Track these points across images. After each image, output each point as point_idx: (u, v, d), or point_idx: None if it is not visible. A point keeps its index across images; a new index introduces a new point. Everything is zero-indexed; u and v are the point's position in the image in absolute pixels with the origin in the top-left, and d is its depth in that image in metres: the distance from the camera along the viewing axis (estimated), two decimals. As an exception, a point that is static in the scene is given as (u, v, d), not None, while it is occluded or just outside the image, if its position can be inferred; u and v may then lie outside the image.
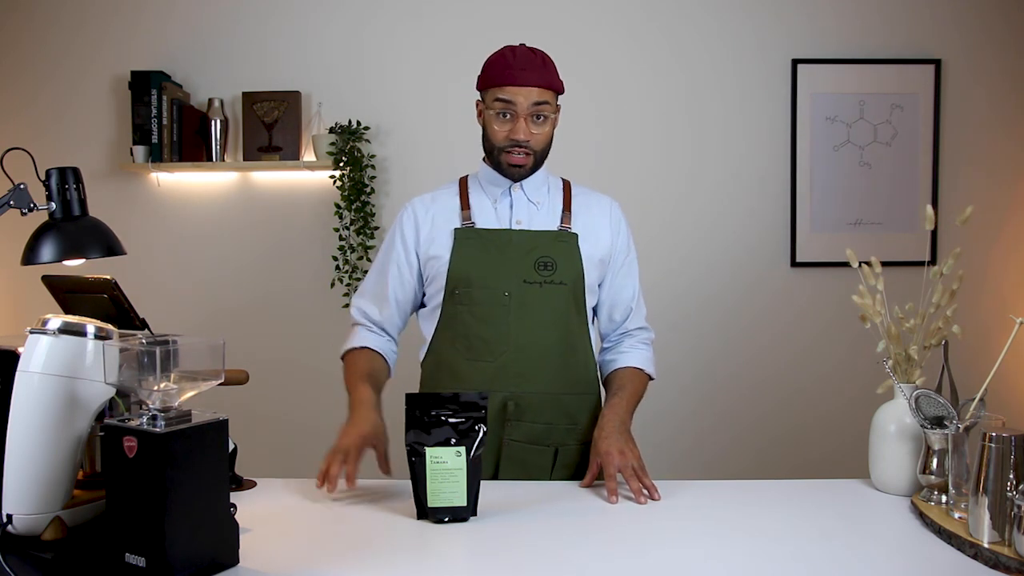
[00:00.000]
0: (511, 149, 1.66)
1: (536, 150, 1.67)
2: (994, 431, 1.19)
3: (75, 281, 1.50)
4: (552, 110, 1.66)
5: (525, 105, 1.62)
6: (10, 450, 1.16)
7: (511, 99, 1.63)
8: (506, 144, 1.66)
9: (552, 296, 1.66)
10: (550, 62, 1.67)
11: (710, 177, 3.04)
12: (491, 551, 1.25)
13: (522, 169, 1.68)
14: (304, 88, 3.03)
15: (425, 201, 1.77)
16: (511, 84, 1.62)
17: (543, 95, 1.63)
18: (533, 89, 1.62)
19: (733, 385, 3.06)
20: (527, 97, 1.62)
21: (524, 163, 1.67)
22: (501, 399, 1.64)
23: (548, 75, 1.65)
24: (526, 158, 1.66)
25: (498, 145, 1.67)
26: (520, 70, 1.62)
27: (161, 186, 3.06)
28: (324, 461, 1.48)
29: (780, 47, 3.02)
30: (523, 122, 1.63)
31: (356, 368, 1.69)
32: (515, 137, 1.64)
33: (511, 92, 1.62)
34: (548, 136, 1.69)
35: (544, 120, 1.66)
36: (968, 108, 3.02)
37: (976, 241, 2.97)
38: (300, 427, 3.06)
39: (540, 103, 1.63)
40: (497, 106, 1.64)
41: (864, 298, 1.52)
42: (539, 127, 1.66)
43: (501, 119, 1.65)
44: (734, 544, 1.25)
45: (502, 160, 1.68)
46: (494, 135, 1.67)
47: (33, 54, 3.07)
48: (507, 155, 1.67)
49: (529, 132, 1.64)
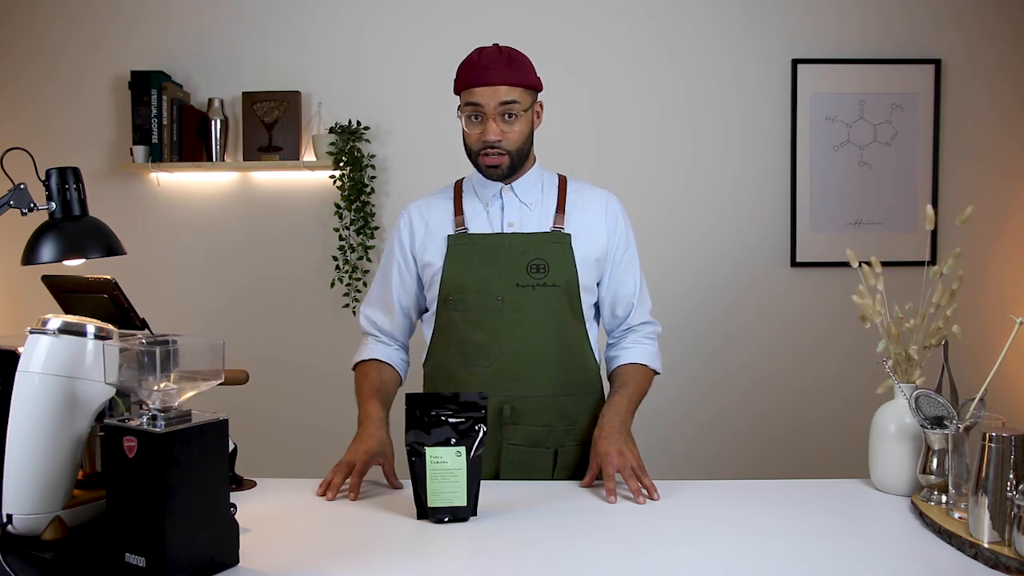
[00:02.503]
0: (484, 151, 1.65)
1: (510, 149, 1.65)
2: (994, 431, 1.19)
3: (75, 281, 1.50)
4: (522, 107, 1.64)
5: (492, 105, 1.61)
6: (10, 450, 1.16)
7: (478, 101, 1.62)
8: (479, 147, 1.65)
9: (546, 298, 1.66)
10: (519, 59, 1.66)
11: (710, 177, 3.04)
12: (491, 551, 1.25)
13: (498, 170, 1.67)
14: (304, 88, 3.03)
15: (420, 207, 1.77)
16: (476, 85, 1.62)
17: (510, 93, 1.62)
18: (499, 88, 1.61)
19: (733, 385, 3.06)
20: (493, 97, 1.61)
21: (498, 163, 1.66)
22: (497, 403, 1.64)
23: (514, 72, 1.63)
24: (500, 158, 1.65)
25: (472, 148, 1.68)
26: (483, 69, 1.62)
27: (161, 186, 3.06)
28: (330, 473, 1.52)
29: (780, 47, 3.01)
30: (492, 123, 1.62)
31: (366, 382, 1.71)
32: (485, 139, 1.63)
33: (477, 94, 1.62)
34: (522, 134, 1.66)
35: (514, 118, 1.64)
36: (968, 108, 3.02)
37: (976, 241, 2.97)
38: (300, 427, 3.06)
39: (507, 102, 1.62)
40: (467, 110, 1.65)
41: (864, 298, 1.52)
42: (509, 126, 1.64)
43: (472, 122, 1.65)
44: (734, 544, 1.25)
45: (479, 163, 1.68)
46: (467, 138, 1.68)
47: (33, 54, 3.07)
48: (482, 157, 1.66)
49: (499, 132, 1.63)
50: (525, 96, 1.65)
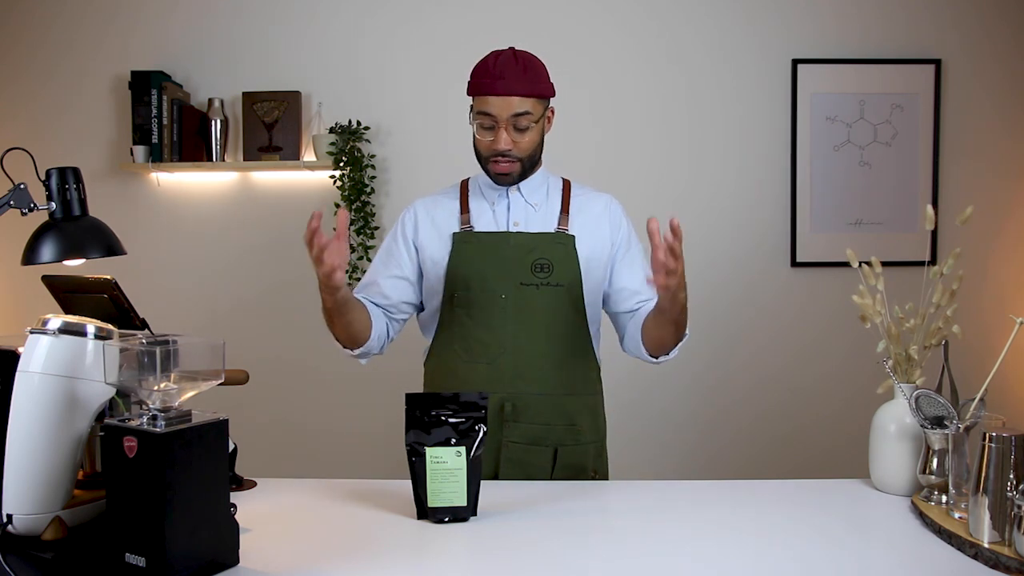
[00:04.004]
0: (495, 159, 1.66)
1: (521, 157, 1.67)
2: (994, 431, 1.19)
3: (75, 281, 1.50)
4: (534, 118, 1.64)
5: (504, 116, 1.62)
6: (10, 450, 1.16)
7: (490, 111, 1.62)
8: (490, 154, 1.67)
9: (549, 298, 1.67)
10: (534, 67, 1.65)
11: (710, 177, 3.04)
12: (491, 551, 1.25)
13: (508, 177, 1.69)
14: (304, 88, 3.03)
15: (427, 204, 1.78)
16: (489, 94, 1.62)
17: (523, 104, 1.62)
18: (512, 99, 1.61)
19: (733, 385, 3.06)
20: (505, 108, 1.62)
21: (509, 171, 1.67)
22: (499, 400, 1.64)
23: (528, 82, 1.63)
24: (510, 166, 1.67)
25: (483, 155, 1.69)
26: (499, 79, 1.61)
27: (161, 186, 3.06)
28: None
29: (780, 47, 3.01)
30: (504, 132, 1.63)
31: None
32: (496, 148, 1.64)
33: (490, 103, 1.62)
34: (534, 142, 1.68)
35: (526, 129, 1.65)
36: (968, 108, 3.01)
37: (976, 241, 2.97)
38: (300, 427, 3.06)
39: (520, 113, 1.62)
40: (480, 118, 1.65)
41: (864, 298, 1.52)
42: (521, 135, 1.65)
43: (483, 130, 1.66)
44: (734, 544, 1.25)
45: (489, 169, 1.69)
46: (478, 145, 1.69)
47: (33, 54, 3.07)
48: (493, 164, 1.68)
49: (510, 141, 1.64)
50: (538, 106, 1.65)
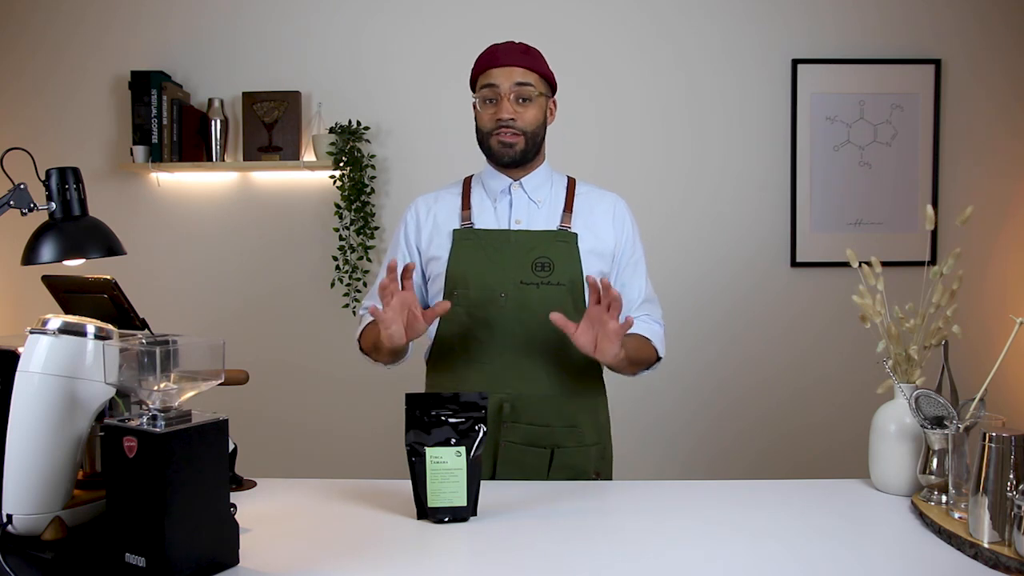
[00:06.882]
0: (498, 130, 1.67)
1: (525, 130, 1.67)
2: (994, 431, 1.19)
3: (75, 281, 1.50)
4: (536, 92, 1.67)
5: (507, 86, 1.65)
6: (10, 450, 1.16)
7: (493, 82, 1.66)
8: (493, 126, 1.68)
9: (550, 297, 1.66)
10: (535, 52, 1.71)
11: (710, 177, 3.04)
12: (491, 551, 1.25)
13: (512, 149, 1.67)
14: (304, 88, 3.03)
15: (428, 200, 1.78)
16: (492, 67, 1.67)
17: (526, 76, 1.66)
18: (515, 69, 1.65)
19: (733, 385, 3.06)
20: (508, 78, 1.65)
21: (513, 141, 1.67)
22: (498, 400, 1.64)
23: (530, 59, 1.68)
24: (514, 137, 1.67)
25: (485, 129, 1.69)
26: (502, 54, 1.67)
27: (161, 186, 3.06)
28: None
29: (780, 47, 3.01)
30: (506, 102, 1.66)
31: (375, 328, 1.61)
32: (500, 116, 1.66)
33: (493, 75, 1.66)
34: (536, 119, 1.69)
35: (529, 102, 1.67)
36: (968, 108, 3.02)
37: (976, 241, 2.97)
38: (300, 427, 3.06)
39: (522, 84, 1.66)
40: (483, 93, 1.68)
41: (864, 298, 1.52)
42: (523, 107, 1.67)
43: (487, 104, 1.68)
44: (734, 544, 1.25)
45: (492, 144, 1.69)
46: (481, 119, 1.70)
47: (33, 54, 3.07)
48: (495, 136, 1.68)
49: (513, 111, 1.66)
50: (540, 83, 1.69)
